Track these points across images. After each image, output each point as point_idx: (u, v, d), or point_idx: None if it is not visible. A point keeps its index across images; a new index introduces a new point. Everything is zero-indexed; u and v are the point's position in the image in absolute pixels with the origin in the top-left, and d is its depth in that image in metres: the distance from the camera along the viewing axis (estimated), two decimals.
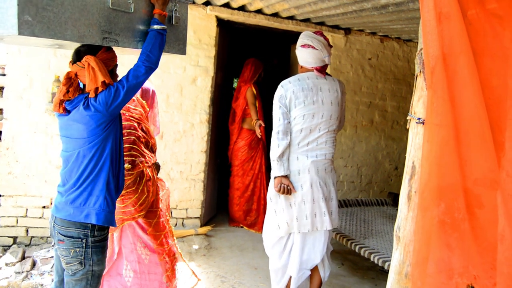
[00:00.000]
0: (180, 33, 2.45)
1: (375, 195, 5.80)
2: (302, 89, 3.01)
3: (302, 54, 3.10)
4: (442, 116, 1.67)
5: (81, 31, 1.95)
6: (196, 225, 4.79)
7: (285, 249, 3.15)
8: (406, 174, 1.98)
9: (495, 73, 1.65)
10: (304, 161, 3.02)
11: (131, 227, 2.68)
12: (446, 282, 1.66)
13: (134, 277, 2.72)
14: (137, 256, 2.70)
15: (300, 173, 3.01)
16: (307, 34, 3.13)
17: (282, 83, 3.08)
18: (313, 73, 3.09)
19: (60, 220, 2.14)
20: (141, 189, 2.58)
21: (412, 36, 5.32)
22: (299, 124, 3.00)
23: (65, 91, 2.10)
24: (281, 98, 3.02)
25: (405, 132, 5.86)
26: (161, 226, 2.77)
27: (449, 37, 1.67)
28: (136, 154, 2.59)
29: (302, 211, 3.01)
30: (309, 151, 3.04)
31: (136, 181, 2.57)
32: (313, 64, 3.07)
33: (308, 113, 3.00)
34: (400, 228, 2.00)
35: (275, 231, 3.09)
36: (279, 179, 2.97)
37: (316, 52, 3.04)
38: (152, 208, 2.70)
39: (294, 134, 3.02)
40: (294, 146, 3.03)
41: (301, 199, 3.00)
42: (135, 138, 2.60)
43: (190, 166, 4.70)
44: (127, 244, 2.71)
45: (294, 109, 3.00)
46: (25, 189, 4.10)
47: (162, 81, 4.47)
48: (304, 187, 3.00)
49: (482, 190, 1.60)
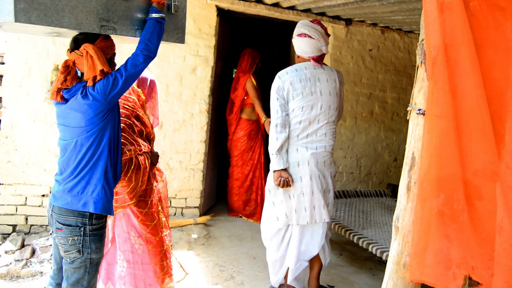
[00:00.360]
0: (179, 21, 2.43)
1: (374, 186, 5.82)
2: (300, 80, 2.96)
3: (299, 44, 3.05)
4: (443, 107, 1.67)
5: (79, 19, 1.94)
6: (195, 215, 4.80)
7: (283, 240, 3.16)
8: (406, 165, 1.98)
9: (496, 65, 1.64)
10: (304, 153, 3.00)
11: (125, 215, 2.65)
12: (444, 273, 1.68)
13: (128, 267, 2.71)
14: (130, 245, 2.68)
15: (300, 165, 3.00)
16: (304, 23, 3.07)
17: (279, 74, 3.03)
18: (310, 63, 3.05)
19: (58, 208, 2.14)
20: (128, 177, 2.53)
21: (413, 27, 5.30)
22: (298, 116, 2.97)
23: (63, 79, 2.09)
24: (279, 89, 2.98)
25: (405, 124, 5.85)
26: (152, 216, 2.72)
27: (451, 28, 1.66)
28: (124, 141, 2.52)
29: (301, 203, 3.01)
30: (309, 143, 3.02)
31: (124, 168, 2.51)
32: (309, 54, 3.03)
33: (307, 105, 2.96)
34: (399, 219, 2.01)
35: (273, 223, 3.10)
36: (278, 173, 2.96)
37: (313, 42, 2.99)
38: (143, 198, 2.66)
39: (293, 126, 2.99)
40: (293, 138, 3.00)
41: (300, 191, 3.00)
42: (124, 126, 2.54)
43: (190, 156, 4.70)
44: (121, 233, 2.69)
45: (292, 100, 2.96)
46: (24, 178, 4.10)
47: (161, 70, 4.46)
48: (304, 179, 2.99)
49: (482, 182, 1.61)
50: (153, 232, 2.72)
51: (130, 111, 2.61)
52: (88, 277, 2.20)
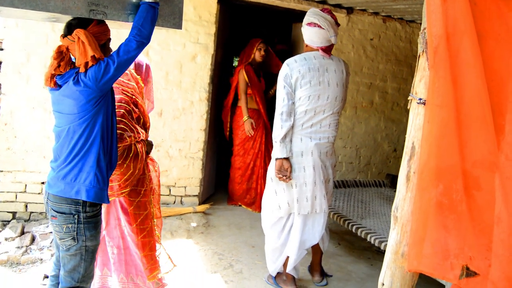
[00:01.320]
0: (175, 6, 2.33)
1: (373, 177, 5.83)
2: (309, 69, 2.94)
3: (308, 33, 3.02)
4: (444, 96, 1.66)
5: (65, 3, 1.88)
6: (194, 203, 4.81)
7: (284, 229, 3.18)
8: (406, 154, 1.98)
9: (498, 55, 1.63)
10: (308, 143, 3.00)
11: (115, 203, 2.64)
12: (442, 263, 1.68)
13: (118, 253, 2.70)
14: (120, 232, 2.66)
15: (303, 155, 3.00)
16: (314, 11, 3.03)
17: (287, 62, 3.00)
18: (318, 52, 3.03)
19: (53, 196, 2.13)
20: (126, 164, 2.51)
21: (415, 17, 5.26)
22: (304, 105, 2.96)
23: (56, 65, 2.06)
24: (286, 77, 2.95)
25: (405, 114, 5.84)
26: (144, 206, 2.70)
27: (453, 17, 1.65)
28: (124, 127, 2.51)
29: (303, 193, 3.02)
30: (313, 133, 3.02)
31: (123, 155, 2.49)
32: (318, 44, 3.01)
33: (314, 94, 2.95)
34: (398, 208, 2.01)
35: (275, 211, 3.11)
36: (280, 161, 2.96)
37: (322, 32, 2.96)
38: (136, 187, 2.64)
39: (298, 115, 2.98)
40: (297, 127, 2.99)
41: (303, 181, 3.01)
42: (124, 112, 2.52)
43: (189, 144, 4.69)
44: (111, 220, 2.68)
45: (300, 89, 2.94)
46: (23, 165, 4.10)
47: (161, 57, 4.43)
48: (307, 170, 3.00)
49: (481, 172, 1.60)
50: (144, 222, 2.70)
51: (129, 98, 2.59)
52: (84, 264, 2.20)
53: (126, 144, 2.48)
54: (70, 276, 2.19)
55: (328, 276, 3.56)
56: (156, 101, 4.43)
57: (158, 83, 4.45)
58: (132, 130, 2.54)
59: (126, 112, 2.54)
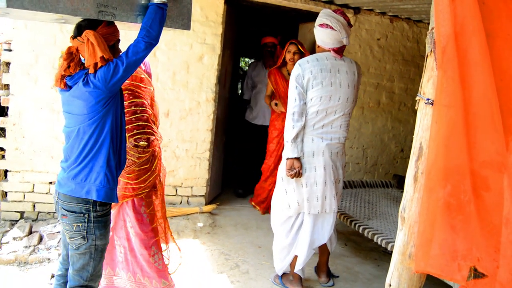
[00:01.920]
0: (183, 7, 2.35)
1: (380, 177, 5.80)
2: (321, 70, 2.96)
3: (320, 34, 3.03)
4: (452, 97, 1.65)
5: (75, 4, 1.89)
6: (201, 203, 4.82)
7: (292, 228, 3.20)
8: (413, 155, 1.97)
9: (506, 55, 1.62)
10: (319, 143, 3.02)
11: (126, 203, 2.70)
12: (449, 264, 1.67)
13: (125, 252, 2.74)
14: (125, 233, 2.71)
15: (315, 155, 3.02)
16: (326, 12, 3.03)
17: (299, 62, 3.02)
18: (325, 53, 3.04)
19: (63, 195, 2.16)
20: (154, 167, 2.64)
21: (422, 16, 5.23)
22: (316, 105, 2.98)
23: (66, 66, 2.08)
24: (298, 77, 2.97)
25: (412, 115, 5.81)
26: (155, 205, 2.81)
27: (461, 16, 1.63)
28: (150, 132, 2.62)
29: (313, 193, 3.04)
30: (324, 133, 3.04)
31: (150, 159, 2.60)
32: (330, 45, 3.02)
33: (326, 95, 2.96)
34: (405, 209, 2.00)
35: (285, 210, 3.13)
36: (291, 161, 2.98)
37: (334, 33, 2.97)
38: (152, 188, 2.75)
39: (309, 116, 3.00)
40: (309, 128, 3.01)
41: (314, 180, 3.03)
42: (148, 116, 2.62)
43: (196, 144, 4.70)
44: (118, 221, 2.73)
45: (311, 90, 2.96)
46: (31, 165, 4.13)
47: (168, 58, 4.44)
48: (318, 170, 3.02)
49: (489, 173, 1.59)
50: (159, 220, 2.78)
51: (150, 102, 2.67)
52: (93, 263, 2.22)
53: (154, 148, 2.59)
54: (78, 275, 2.21)
55: (335, 277, 3.55)
56: (163, 101, 4.45)
57: (165, 83, 4.47)
58: (154, 134, 2.64)
59: (149, 116, 2.63)
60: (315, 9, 4.79)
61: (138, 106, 2.58)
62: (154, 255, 2.76)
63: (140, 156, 2.56)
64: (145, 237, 2.71)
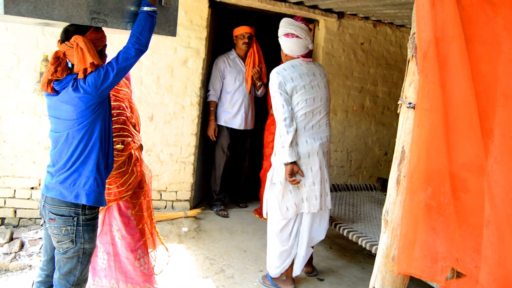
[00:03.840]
0: (170, 14, 2.41)
1: (364, 180, 5.84)
2: (300, 75, 3.08)
3: (287, 43, 3.18)
4: (433, 101, 1.67)
5: (69, 11, 1.93)
6: (185, 208, 4.79)
7: (292, 230, 3.26)
8: (396, 158, 1.99)
9: (485, 60, 1.65)
10: (313, 144, 3.13)
11: (109, 207, 2.68)
12: (430, 265, 1.69)
13: (108, 259, 2.72)
14: (110, 237, 2.69)
15: (310, 156, 3.12)
16: (289, 22, 3.19)
17: (277, 71, 3.11)
18: (297, 60, 3.17)
19: (51, 199, 2.14)
20: (131, 170, 2.61)
21: (405, 21, 5.30)
22: (303, 108, 3.08)
23: (53, 71, 2.08)
24: (280, 85, 3.05)
25: (395, 118, 5.86)
26: (144, 207, 2.80)
27: (442, 22, 1.66)
28: (127, 134, 2.60)
29: (312, 192, 3.13)
30: (315, 134, 3.15)
31: (126, 161, 2.58)
32: (298, 53, 3.17)
33: (310, 97, 3.09)
34: (388, 212, 2.02)
35: (284, 214, 3.17)
36: (291, 166, 3.04)
37: (300, 41, 3.14)
38: (136, 189, 2.72)
39: (299, 119, 3.09)
40: (300, 130, 3.10)
41: (312, 180, 3.12)
42: (125, 119, 2.60)
43: (180, 149, 4.67)
44: (103, 226, 2.70)
45: (296, 94, 3.07)
46: (13, 170, 4.06)
47: (152, 62, 4.42)
48: (314, 169, 3.12)
49: (468, 175, 1.62)
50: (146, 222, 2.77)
51: (126, 104, 2.64)
52: (80, 267, 2.22)
53: (130, 151, 2.55)
54: (65, 279, 2.20)
55: (320, 280, 3.56)
56: (147, 105, 4.43)
57: (149, 87, 4.44)
58: (133, 136, 2.62)
59: (127, 119, 2.61)
60: (299, 14, 4.82)
61: (115, 109, 2.57)
62: (140, 259, 2.74)
63: (116, 160, 2.54)
64: (132, 240, 2.70)
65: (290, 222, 3.22)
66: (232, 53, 4.89)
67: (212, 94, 4.80)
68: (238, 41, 4.86)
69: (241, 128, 4.87)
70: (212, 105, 4.79)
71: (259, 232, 4.48)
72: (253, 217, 4.94)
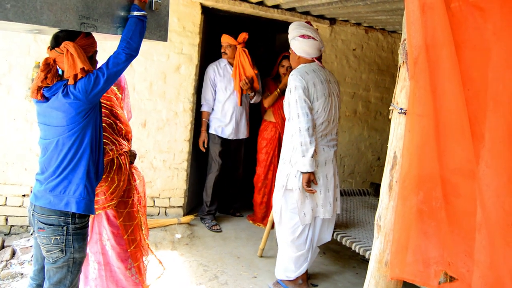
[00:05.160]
0: (161, 19, 2.40)
1: (357, 185, 5.86)
2: (321, 81, 3.06)
3: (302, 45, 3.12)
4: (424, 106, 1.69)
5: (58, 16, 1.91)
6: (179, 214, 4.77)
7: (308, 235, 3.29)
8: (388, 164, 2.00)
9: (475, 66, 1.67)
10: (329, 152, 3.19)
11: (98, 216, 2.63)
12: (423, 270, 1.70)
13: (99, 269, 2.68)
14: (101, 247, 2.65)
15: (327, 163, 3.17)
16: (302, 24, 3.19)
17: (300, 74, 3.04)
18: (315, 65, 3.14)
19: (40, 208, 2.11)
20: (111, 178, 2.52)
21: (396, 27, 5.35)
22: (322, 116, 3.09)
23: (43, 77, 2.06)
24: (305, 90, 3.00)
25: (387, 123, 5.88)
26: (133, 216, 2.71)
27: (432, 28, 1.68)
28: (105, 141, 2.50)
29: (326, 198, 3.17)
30: (329, 142, 3.21)
31: (106, 169, 2.50)
32: (313, 55, 3.14)
33: (328, 106, 3.10)
34: (381, 217, 2.02)
35: (302, 220, 3.18)
36: (309, 174, 3.04)
37: (316, 43, 3.12)
38: (123, 198, 2.64)
39: (318, 127, 3.10)
40: (318, 138, 3.13)
41: (326, 187, 3.16)
42: (105, 125, 2.52)
43: (173, 155, 4.67)
44: (93, 234, 2.67)
45: (317, 101, 3.05)
46: (4, 177, 4.02)
47: (145, 68, 4.42)
48: (329, 176, 3.18)
49: (459, 180, 1.63)
50: (134, 233, 2.70)
51: (110, 110, 2.58)
52: (70, 276, 2.18)
53: (109, 158, 2.49)
54: None
55: (314, 286, 3.56)
56: (140, 111, 4.41)
57: (142, 93, 4.43)
58: (113, 143, 2.55)
59: (107, 125, 2.54)
60: (291, 20, 4.84)
61: None
62: (131, 268, 2.71)
63: None
64: (121, 250, 2.66)
65: (306, 227, 3.24)
66: (223, 61, 4.72)
67: (204, 104, 4.66)
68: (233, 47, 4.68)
69: (231, 138, 4.71)
70: (205, 116, 4.65)
71: (252, 238, 4.48)
72: (247, 223, 4.93)
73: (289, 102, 3.07)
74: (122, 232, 2.65)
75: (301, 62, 3.17)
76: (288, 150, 3.16)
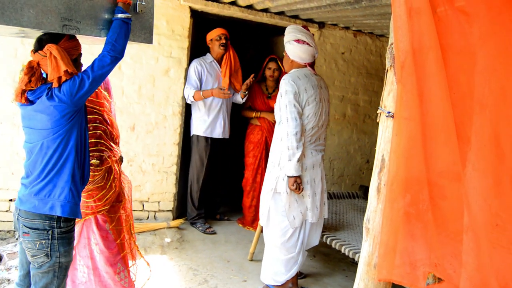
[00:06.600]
0: (145, 21, 2.38)
1: (346, 188, 5.88)
2: (312, 87, 3.08)
3: (296, 50, 3.13)
4: (411, 110, 1.70)
5: (39, 18, 1.89)
6: (168, 218, 4.75)
7: (299, 237, 3.30)
8: (376, 167, 2.02)
9: (461, 69, 1.69)
10: (317, 156, 3.20)
11: (87, 221, 2.62)
12: (410, 272, 1.71)
13: (88, 273, 2.66)
14: (89, 251, 2.64)
15: (314, 167, 3.18)
16: (298, 28, 3.20)
17: (292, 79, 3.06)
18: (307, 70, 3.15)
19: (25, 212, 2.09)
20: (109, 185, 2.54)
21: (384, 31, 5.39)
22: (312, 122, 3.11)
23: (27, 81, 2.05)
24: (296, 95, 3.02)
25: (376, 126, 5.89)
26: (122, 220, 2.73)
27: (419, 33, 1.70)
28: (103, 149, 2.53)
29: (314, 202, 3.19)
30: (317, 146, 3.23)
31: (105, 176, 2.51)
32: (306, 60, 3.15)
33: (318, 111, 3.12)
34: (369, 220, 2.03)
35: (291, 223, 3.19)
36: (294, 178, 3.05)
37: (310, 49, 3.12)
38: (114, 203, 2.66)
39: (307, 132, 3.12)
40: (307, 143, 3.15)
41: (314, 191, 3.18)
42: (101, 132, 2.53)
43: (163, 159, 4.65)
44: (81, 239, 2.65)
45: (308, 107, 3.07)
46: None
47: (134, 71, 4.40)
48: (316, 180, 3.20)
49: (446, 182, 1.65)
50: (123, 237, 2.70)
51: (103, 116, 2.58)
52: (57, 281, 2.16)
53: (108, 166, 2.50)
54: None
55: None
56: (128, 115, 4.39)
57: (131, 97, 4.41)
58: (110, 150, 2.56)
59: (102, 132, 2.55)
60: (280, 24, 4.87)
61: (91, 122, 2.50)
62: (120, 273, 2.70)
63: (94, 175, 2.49)
64: (110, 254, 2.64)
65: (296, 230, 3.25)
66: (208, 57, 4.64)
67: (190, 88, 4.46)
68: (214, 44, 4.61)
69: (220, 136, 4.67)
70: (197, 94, 4.41)
71: (242, 241, 4.47)
72: (237, 226, 4.93)
73: (279, 106, 3.09)
74: (114, 237, 2.65)
75: (294, 66, 3.18)
76: (277, 153, 3.16)
